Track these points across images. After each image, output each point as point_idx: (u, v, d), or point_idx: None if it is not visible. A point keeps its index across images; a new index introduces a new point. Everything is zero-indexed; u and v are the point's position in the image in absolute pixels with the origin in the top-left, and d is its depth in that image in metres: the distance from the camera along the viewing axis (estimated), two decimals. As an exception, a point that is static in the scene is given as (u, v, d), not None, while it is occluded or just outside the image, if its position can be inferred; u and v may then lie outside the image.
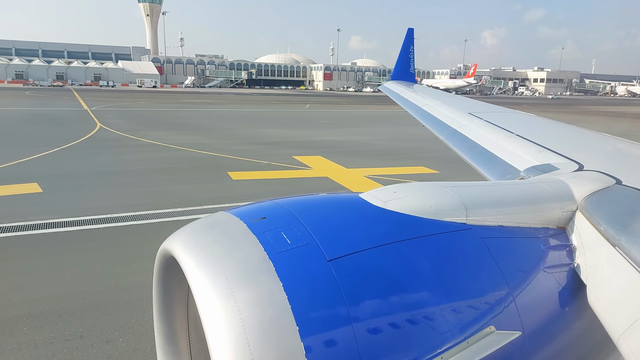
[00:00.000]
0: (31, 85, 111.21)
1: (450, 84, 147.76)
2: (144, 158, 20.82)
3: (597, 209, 1.95)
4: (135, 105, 54.02)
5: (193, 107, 55.96)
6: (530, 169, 2.82)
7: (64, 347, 6.05)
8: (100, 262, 8.80)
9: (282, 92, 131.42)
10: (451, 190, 1.86)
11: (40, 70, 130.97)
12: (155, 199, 13.42)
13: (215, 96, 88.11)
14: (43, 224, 10.71)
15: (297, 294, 1.30)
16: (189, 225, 1.57)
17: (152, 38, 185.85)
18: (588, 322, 1.72)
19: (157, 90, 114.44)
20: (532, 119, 5.24)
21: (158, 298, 1.69)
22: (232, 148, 23.56)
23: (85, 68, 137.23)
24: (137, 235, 10.51)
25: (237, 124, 37.44)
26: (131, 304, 7.23)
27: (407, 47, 11.59)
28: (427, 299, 1.45)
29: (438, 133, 5.22)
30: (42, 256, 9.04)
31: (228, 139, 27.30)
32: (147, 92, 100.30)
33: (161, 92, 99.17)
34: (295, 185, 16.09)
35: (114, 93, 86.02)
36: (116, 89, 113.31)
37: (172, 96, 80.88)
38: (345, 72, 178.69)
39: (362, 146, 25.88)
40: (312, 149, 24.22)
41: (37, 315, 6.79)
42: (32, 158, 19.15)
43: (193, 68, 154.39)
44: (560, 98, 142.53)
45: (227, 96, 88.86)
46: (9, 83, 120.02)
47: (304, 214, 1.55)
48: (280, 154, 22.12)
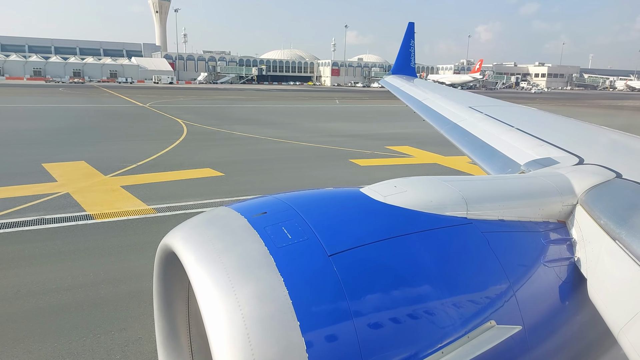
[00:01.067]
0: (52, 82, 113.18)
1: (456, 79, 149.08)
2: (262, 149, 22.61)
3: (598, 202, 1.95)
4: (180, 102, 55.49)
5: (232, 103, 57.36)
6: (531, 163, 2.82)
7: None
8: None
9: (296, 87, 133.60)
10: (452, 184, 1.86)
11: (57, 67, 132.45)
12: (318, 182, 15.25)
13: (238, 92, 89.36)
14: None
15: (298, 289, 1.30)
16: (189, 221, 1.57)
17: (161, 34, 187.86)
18: (588, 315, 1.72)
19: (176, 86, 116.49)
20: (532, 112, 5.21)
21: (158, 294, 1.70)
22: (320, 139, 25.02)
23: (101, 65, 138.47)
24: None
25: (293, 119, 38.70)
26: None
27: (407, 41, 11.60)
28: (427, 294, 1.46)
29: (438, 127, 5.21)
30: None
31: (304, 132, 28.53)
32: (169, 88, 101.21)
33: (183, 89, 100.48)
34: (417, 170, 17.13)
35: (141, 90, 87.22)
36: (135, 85, 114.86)
37: (197, 92, 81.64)
38: (352, 68, 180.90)
39: (429, 138, 24.42)
40: (391, 140, 25.40)
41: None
42: (170, 149, 20.77)
43: (204, 64, 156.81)
44: (563, 92, 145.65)
45: (249, 92, 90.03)
46: (28, 80, 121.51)
47: (305, 209, 1.55)
48: (371, 144, 23.51)
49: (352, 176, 16.81)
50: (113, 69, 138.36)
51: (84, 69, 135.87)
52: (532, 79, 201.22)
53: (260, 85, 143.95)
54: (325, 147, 23.24)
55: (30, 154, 19.44)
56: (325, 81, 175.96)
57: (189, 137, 25.50)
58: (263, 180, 15.79)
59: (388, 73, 11.42)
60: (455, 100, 5.98)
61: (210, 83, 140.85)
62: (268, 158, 20.30)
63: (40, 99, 54.62)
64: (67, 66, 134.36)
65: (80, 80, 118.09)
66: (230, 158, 19.83)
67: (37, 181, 14.37)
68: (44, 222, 10.70)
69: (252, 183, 15.28)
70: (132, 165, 17.03)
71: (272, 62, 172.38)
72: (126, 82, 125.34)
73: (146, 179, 15.07)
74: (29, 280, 7.78)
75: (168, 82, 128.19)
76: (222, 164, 17.91)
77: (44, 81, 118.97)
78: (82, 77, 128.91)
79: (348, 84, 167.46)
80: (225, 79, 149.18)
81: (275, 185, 14.99)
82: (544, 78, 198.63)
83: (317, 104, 61.67)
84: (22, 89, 75.85)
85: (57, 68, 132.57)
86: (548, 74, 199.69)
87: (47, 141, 23.42)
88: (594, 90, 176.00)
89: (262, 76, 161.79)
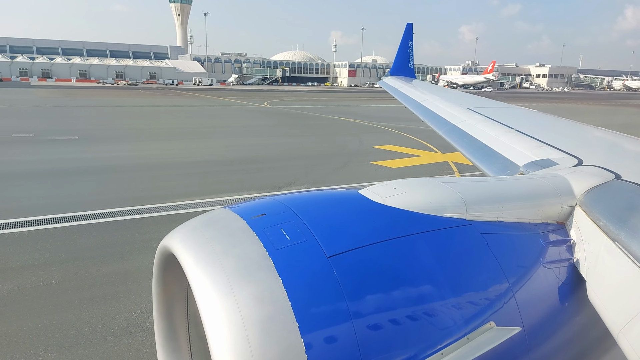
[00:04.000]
0: (101, 84, 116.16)
1: (468, 80, 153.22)
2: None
3: (597, 204, 1.96)
4: (285, 102, 57.48)
5: (322, 104, 57.85)
6: (530, 164, 2.82)
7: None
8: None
9: (321, 88, 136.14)
10: (451, 185, 1.87)
11: (100, 69, 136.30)
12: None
13: (291, 93, 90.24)
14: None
15: (297, 291, 1.30)
16: (188, 222, 1.58)
17: (182, 37, 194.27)
18: (588, 317, 1.72)
19: (220, 88, 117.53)
20: (531, 114, 5.25)
21: (158, 295, 1.70)
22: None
23: (140, 67, 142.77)
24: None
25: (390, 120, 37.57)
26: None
27: (406, 42, 11.60)
28: (427, 295, 1.46)
29: (437, 128, 5.22)
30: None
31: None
32: (221, 90, 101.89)
33: (231, 90, 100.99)
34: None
35: (205, 91, 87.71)
36: (181, 87, 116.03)
37: (257, 94, 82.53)
38: (367, 69, 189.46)
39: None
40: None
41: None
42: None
43: (230, 66, 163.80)
44: (576, 92, 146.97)
45: (296, 93, 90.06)
46: (76, 81, 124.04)
47: (304, 211, 1.55)
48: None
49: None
50: (152, 71, 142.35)
51: (125, 71, 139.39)
52: (533, 79, 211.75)
53: (286, 86, 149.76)
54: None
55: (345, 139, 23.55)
56: (341, 82, 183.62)
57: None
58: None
59: (387, 74, 11.33)
60: (453, 101, 5.98)
61: (240, 84, 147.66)
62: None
63: (161, 100, 57.55)
64: (109, 68, 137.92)
65: (127, 82, 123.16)
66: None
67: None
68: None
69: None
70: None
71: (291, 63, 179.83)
72: (172, 84, 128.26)
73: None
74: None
75: (208, 84, 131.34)
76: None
77: (96, 83, 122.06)
78: (124, 79, 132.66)
79: (365, 84, 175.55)
80: (252, 81, 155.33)
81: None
82: (545, 78, 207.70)
83: (371, 103, 61.93)
84: (108, 92, 76.91)
85: (100, 70, 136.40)
86: (549, 75, 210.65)
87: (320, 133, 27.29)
88: (592, 91, 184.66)
89: (282, 77, 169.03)
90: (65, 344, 5.73)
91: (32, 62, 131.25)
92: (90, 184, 13.89)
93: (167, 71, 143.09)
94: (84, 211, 10.80)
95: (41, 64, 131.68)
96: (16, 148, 19.58)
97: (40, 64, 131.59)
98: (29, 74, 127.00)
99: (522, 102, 67.20)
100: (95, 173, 15.35)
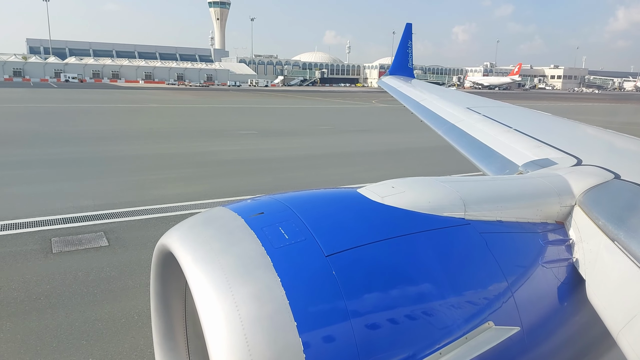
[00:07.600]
0: (176, 86, 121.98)
1: (494, 81, 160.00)
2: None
3: (596, 203, 1.95)
4: (360, 104, 59.94)
5: (396, 103, 63.64)
6: (529, 164, 2.82)
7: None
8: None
9: (357, 89, 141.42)
10: (449, 185, 1.86)
11: (163, 71, 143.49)
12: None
13: (346, 94, 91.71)
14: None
15: (295, 290, 1.30)
16: (187, 221, 1.57)
17: (220, 40, 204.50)
18: (587, 317, 1.72)
19: (278, 89, 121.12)
20: (530, 113, 5.24)
21: (156, 294, 1.70)
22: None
23: (198, 69, 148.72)
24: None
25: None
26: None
27: (405, 42, 11.71)
28: (425, 295, 1.46)
29: (436, 128, 5.20)
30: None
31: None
32: (285, 91, 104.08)
33: (288, 92, 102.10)
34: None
35: (287, 93, 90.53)
36: (242, 88, 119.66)
37: (324, 94, 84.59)
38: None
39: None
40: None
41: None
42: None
43: (272, 68, 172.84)
44: (604, 94, 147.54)
45: (355, 94, 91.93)
46: (145, 83, 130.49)
47: (302, 209, 1.55)
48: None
49: None
50: (209, 73, 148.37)
51: (185, 73, 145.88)
52: (548, 80, 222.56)
53: (325, 87, 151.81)
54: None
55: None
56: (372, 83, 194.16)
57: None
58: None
59: (386, 74, 11.36)
60: (452, 101, 5.98)
61: (285, 85, 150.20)
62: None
63: (269, 101, 61.28)
64: (170, 71, 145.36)
65: (206, 84, 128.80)
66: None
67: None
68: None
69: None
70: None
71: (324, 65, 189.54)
72: (235, 86, 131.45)
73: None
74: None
75: (264, 86, 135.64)
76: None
77: (163, 84, 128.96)
78: (183, 80, 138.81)
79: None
80: (294, 82, 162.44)
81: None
82: (560, 80, 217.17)
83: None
84: (205, 93, 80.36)
85: (162, 72, 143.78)
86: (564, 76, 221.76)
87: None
88: (612, 92, 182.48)
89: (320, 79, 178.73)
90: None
91: (102, 64, 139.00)
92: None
93: (222, 73, 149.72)
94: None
95: (110, 66, 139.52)
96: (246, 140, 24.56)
97: (110, 66, 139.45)
98: (100, 75, 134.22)
99: (564, 102, 71.66)
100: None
